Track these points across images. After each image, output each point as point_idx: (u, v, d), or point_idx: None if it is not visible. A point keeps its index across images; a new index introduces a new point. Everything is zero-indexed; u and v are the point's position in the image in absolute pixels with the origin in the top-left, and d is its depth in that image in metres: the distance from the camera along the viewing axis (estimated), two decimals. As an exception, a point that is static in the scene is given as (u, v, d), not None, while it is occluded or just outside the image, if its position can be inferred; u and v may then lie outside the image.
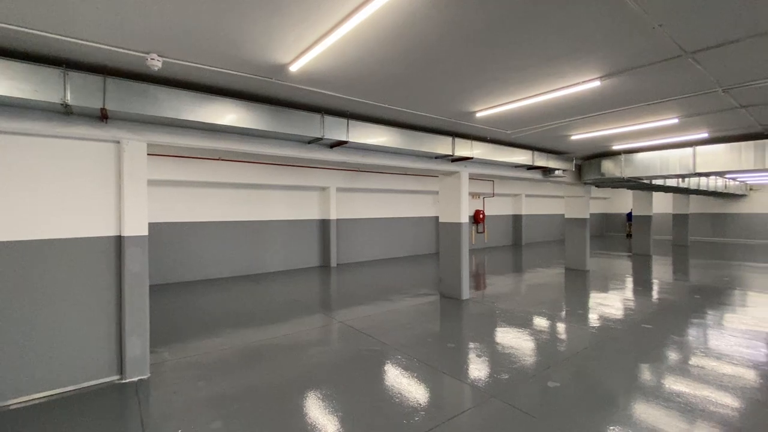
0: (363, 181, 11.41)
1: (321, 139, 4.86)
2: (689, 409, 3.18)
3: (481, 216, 15.66)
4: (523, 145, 7.61)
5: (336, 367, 4.10)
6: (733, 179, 14.33)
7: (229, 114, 4.17)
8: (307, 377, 3.85)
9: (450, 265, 7.25)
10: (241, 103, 4.25)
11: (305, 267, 11.03)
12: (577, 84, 4.01)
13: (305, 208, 11.10)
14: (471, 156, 6.64)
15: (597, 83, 3.91)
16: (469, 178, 12.85)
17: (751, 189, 18.46)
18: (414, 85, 4.11)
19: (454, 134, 6.45)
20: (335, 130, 4.95)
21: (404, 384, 3.69)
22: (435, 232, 14.60)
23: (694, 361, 4.21)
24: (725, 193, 16.07)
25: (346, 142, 5.09)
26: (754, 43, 3.13)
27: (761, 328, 5.35)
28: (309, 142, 5.13)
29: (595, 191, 21.07)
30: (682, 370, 3.99)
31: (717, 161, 7.17)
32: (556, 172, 8.47)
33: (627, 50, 3.26)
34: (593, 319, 5.89)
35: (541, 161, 7.98)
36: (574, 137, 6.80)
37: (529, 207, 18.37)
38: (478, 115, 5.20)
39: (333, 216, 11.15)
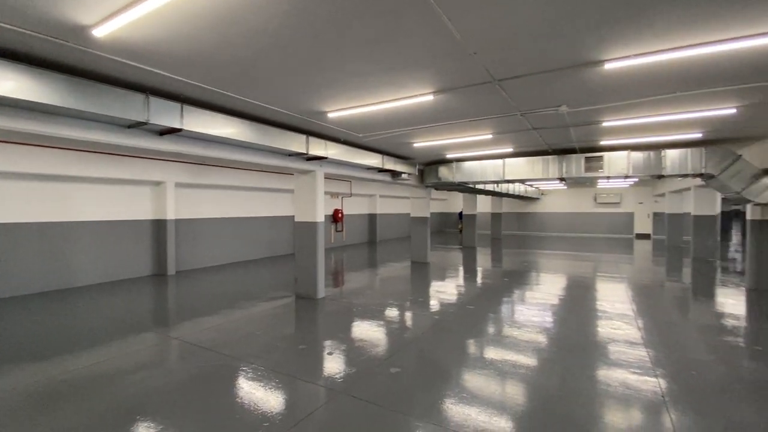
0: (210, 176, 10.25)
1: (145, 123, 4.11)
2: (501, 372, 3.88)
3: (339, 215, 16.04)
4: (375, 148, 8.08)
5: (168, 392, 3.52)
6: (531, 185, 18.44)
7: (6, 81, 3.12)
8: (130, 410, 3.18)
9: (306, 264, 7.15)
10: (26, 69, 3.24)
11: (133, 277, 9.25)
12: (415, 96, 4.44)
13: (133, 207, 9.30)
14: (326, 156, 6.68)
15: (431, 97, 4.41)
16: (327, 178, 13.08)
17: (542, 193, 24.08)
18: (263, 75, 3.86)
19: (309, 133, 6.37)
20: (165, 114, 4.26)
21: (250, 397, 3.43)
22: (293, 232, 14.24)
23: (504, 332, 5.19)
24: (526, 196, 20.52)
25: (179, 130, 4.44)
26: (541, 78, 4.02)
27: (548, 300, 6.98)
28: (130, 126, 4.27)
29: (435, 193, 24.08)
30: (496, 341, 4.86)
31: (519, 171, 9.04)
32: (403, 175, 9.30)
33: (452, 71, 3.77)
34: (432, 304, 6.66)
35: (390, 165, 8.63)
36: (416, 145, 7.57)
37: (382, 207, 19.73)
38: (330, 115, 5.25)
39: (171, 216, 9.66)
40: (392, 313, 6.11)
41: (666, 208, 16.71)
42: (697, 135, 6.75)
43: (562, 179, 8.71)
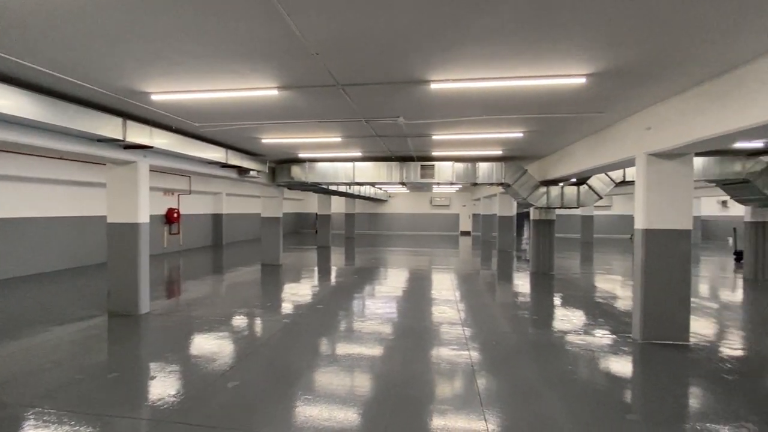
0: (-30, 162, 7.49)
1: None
2: (347, 367, 3.99)
3: (175, 215, 13.98)
4: (217, 141, 7.33)
5: None
6: (380, 188, 19.89)
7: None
8: None
9: (123, 275, 5.94)
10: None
11: None
12: (259, 89, 4.20)
13: None
14: (151, 145, 5.69)
15: (275, 92, 4.24)
16: (158, 172, 11.17)
17: (390, 196, 26.26)
18: (54, 34, 2.99)
19: (127, 115, 5.31)
20: None
21: (23, 453, 2.61)
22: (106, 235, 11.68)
23: (351, 327, 5.39)
24: (376, 198, 22.02)
25: None
26: (380, 89, 4.32)
27: (391, 293, 7.59)
28: None
29: (290, 193, 23.54)
30: (344, 336, 5.00)
31: (367, 174, 9.59)
32: (252, 172, 8.73)
33: (295, 68, 3.70)
34: (282, 308, 6.44)
35: (236, 160, 7.98)
36: (265, 141, 7.20)
37: (230, 206, 18.14)
38: (155, 98, 4.49)
39: None
40: (237, 322, 5.64)
41: (481, 210, 20.47)
42: (499, 152, 8.45)
43: (403, 183, 9.65)
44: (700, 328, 5.47)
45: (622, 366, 4.20)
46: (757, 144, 7.19)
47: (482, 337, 5.01)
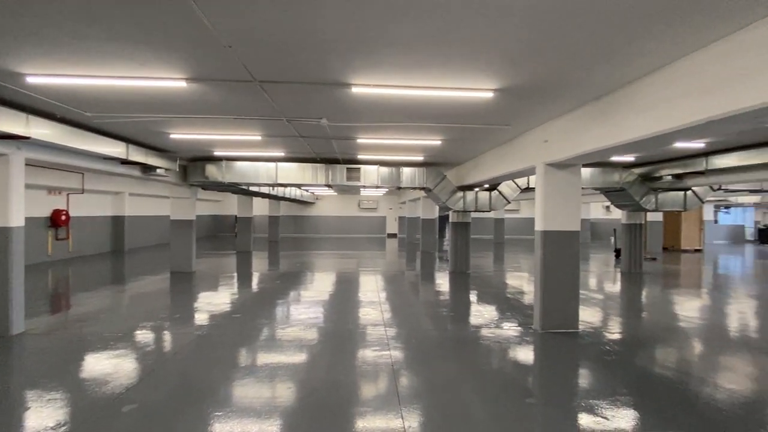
0: None
1: None
2: (271, 375, 3.79)
3: (63, 217, 12.08)
4: (115, 134, 6.50)
5: None
6: (307, 190, 19.45)
7: None
8: None
9: (-14, 289, 4.95)
10: None
11: None
12: (164, 79, 3.82)
13: None
14: (27, 135, 4.84)
15: (184, 84, 3.90)
16: (45, 168, 9.51)
17: (317, 198, 25.82)
18: None
19: (-7, 99, 4.46)
20: None
21: None
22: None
23: (275, 334, 5.15)
24: (302, 200, 21.48)
25: None
26: (300, 88, 4.22)
27: (317, 297, 7.44)
28: None
29: (206, 194, 21.86)
30: (265, 345, 4.76)
31: (291, 175, 9.32)
32: (159, 170, 7.92)
33: (206, 60, 3.44)
34: (193, 319, 5.92)
35: (139, 156, 7.16)
36: (174, 136, 6.58)
37: (134, 207, 16.23)
38: (31, 80, 3.84)
39: None
40: (138, 338, 5.05)
41: (406, 213, 21.18)
42: (420, 158, 8.83)
43: (328, 185, 9.56)
44: (587, 316, 6.29)
45: (525, 355, 4.65)
46: (630, 158, 8.54)
47: (404, 336, 5.16)
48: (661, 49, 3.11)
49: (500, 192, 9.79)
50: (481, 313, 6.47)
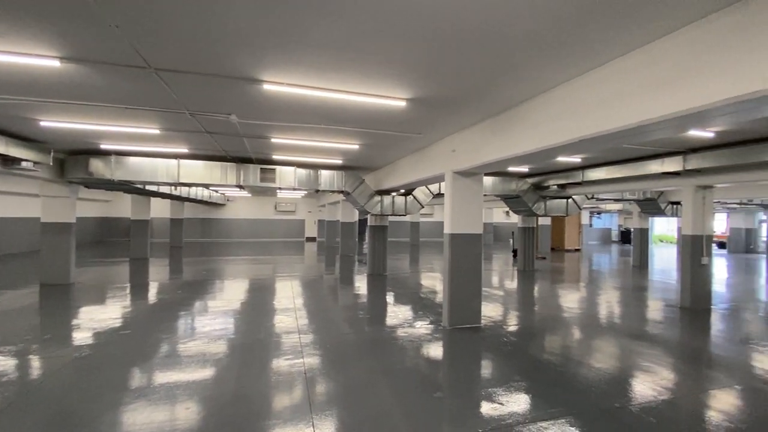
0: None
1: None
2: (168, 396, 3.37)
3: None
4: (-40, 117, 5.28)
5: None
6: (216, 191, 18.03)
7: None
8: None
9: None
10: None
11: None
12: (28, 55, 3.21)
13: None
14: None
15: (57, 63, 3.33)
16: None
17: (228, 199, 24.09)
18: None
19: None
20: None
21: None
22: None
23: (175, 350, 4.62)
24: (211, 202, 19.86)
25: None
26: (206, 80, 3.89)
27: (226, 307, 6.90)
28: None
29: (92, 193, 18.98)
30: (162, 363, 4.24)
31: (196, 174, 8.54)
32: (24, 163, 6.62)
33: (87, 38, 2.98)
34: (70, 339, 5.04)
35: (-4, 146, 5.91)
36: (45, 123, 5.57)
37: (-9, 207, 13.34)
38: None
39: None
40: (-14, 365, 4.12)
41: (326, 216, 20.95)
42: (339, 161, 8.81)
43: (240, 186, 9.00)
44: (489, 311, 6.90)
45: (434, 351, 4.90)
46: (524, 169, 9.61)
47: (319, 342, 5.06)
48: (545, 75, 3.56)
49: (415, 197, 10.25)
50: (396, 314, 6.67)
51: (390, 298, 8.06)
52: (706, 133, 5.48)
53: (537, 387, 3.84)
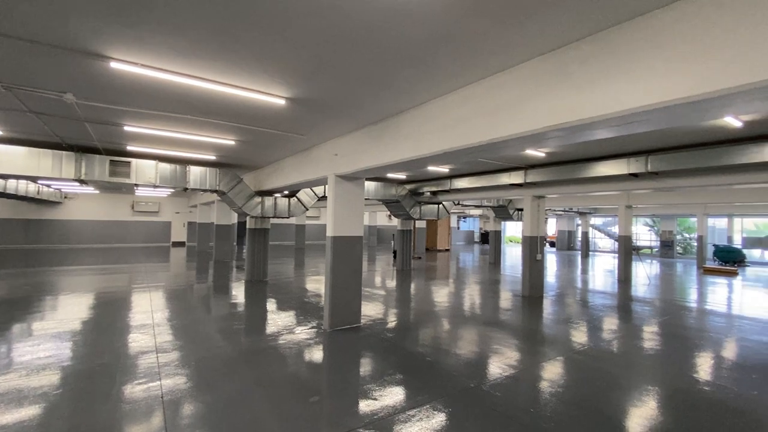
0: None
1: None
2: None
3: None
4: None
5: None
6: (48, 185, 14.52)
7: None
8: None
9: None
10: None
11: None
12: None
13: None
14: None
15: None
16: None
17: (66, 197, 19.66)
18: None
19: None
20: None
21: None
22: None
23: (-47, 395, 3.50)
24: (41, 199, 15.92)
25: None
26: (27, 48, 3.11)
27: (62, 327, 5.57)
28: None
29: None
30: (-69, 415, 3.17)
31: (18, 164, 6.75)
32: None
33: None
34: None
35: None
36: None
37: None
38: None
39: None
40: None
41: (198, 218, 18.87)
42: (212, 157, 8.05)
43: (81, 181, 7.44)
44: (369, 310, 7.16)
45: (314, 355, 4.85)
46: (402, 176, 10.31)
47: (183, 360, 4.51)
48: (417, 90, 3.89)
49: (299, 199, 10.02)
50: (276, 321, 6.39)
51: (270, 305, 7.68)
52: (539, 153, 6.74)
53: (409, 378, 4.14)
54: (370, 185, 10.47)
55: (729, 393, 4.03)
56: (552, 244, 29.36)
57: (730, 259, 19.27)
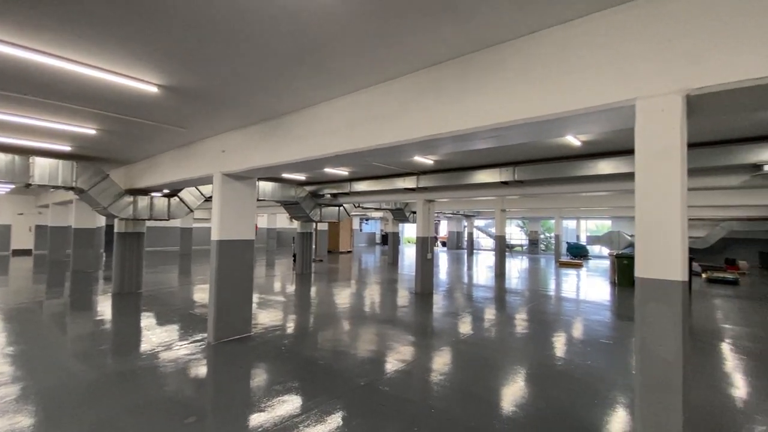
0: None
1: None
2: None
3: None
4: None
5: None
6: None
7: None
8: None
9: None
10: None
11: None
12: None
13: None
14: None
15: None
16: None
17: None
18: None
19: None
20: None
21: None
22: None
23: None
24: None
25: None
26: None
27: None
28: None
29: None
30: None
31: None
32: None
33: None
34: None
35: None
36: None
37: None
38: None
39: None
40: None
41: (50, 221, 15.59)
42: (68, 148, 6.74)
43: None
44: (263, 318, 6.80)
45: (196, 371, 4.39)
46: (301, 177, 10.08)
47: (29, 393, 3.64)
48: (306, 93, 3.84)
49: (182, 199, 9.01)
50: (150, 338, 5.62)
51: (145, 320, 6.73)
52: (428, 161, 7.27)
53: (303, 384, 4.04)
54: (266, 186, 9.97)
55: (571, 364, 4.89)
56: (444, 244, 31.94)
57: (578, 254, 23.50)
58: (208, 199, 9.59)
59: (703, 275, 14.09)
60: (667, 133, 2.07)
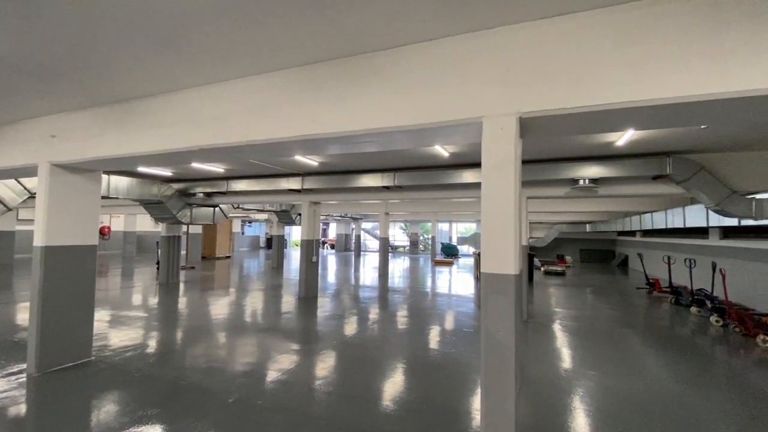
0: None
1: None
2: None
3: None
4: None
5: None
6: None
7: None
8: None
9: None
10: None
11: None
12: None
13: None
14: None
15: None
16: None
17: None
18: None
19: None
20: None
21: None
22: None
23: None
24: None
25: None
26: None
27: None
28: None
29: None
30: None
31: None
32: None
33: None
34: None
35: None
36: None
37: None
38: None
39: None
40: None
41: None
42: None
43: None
44: (111, 338, 5.73)
45: (10, 415, 3.43)
46: (167, 173, 8.87)
47: None
48: (165, 74, 3.38)
49: (-7, 195, 7.03)
50: (-70, 379, 4.19)
51: None
52: (313, 162, 7.17)
53: (165, 409, 3.50)
54: (120, 181, 8.48)
55: (439, 354, 5.37)
56: (332, 246, 32.00)
57: (450, 253, 26.21)
58: (33, 196, 7.69)
59: (542, 268, 17.16)
60: (504, 148, 2.43)
